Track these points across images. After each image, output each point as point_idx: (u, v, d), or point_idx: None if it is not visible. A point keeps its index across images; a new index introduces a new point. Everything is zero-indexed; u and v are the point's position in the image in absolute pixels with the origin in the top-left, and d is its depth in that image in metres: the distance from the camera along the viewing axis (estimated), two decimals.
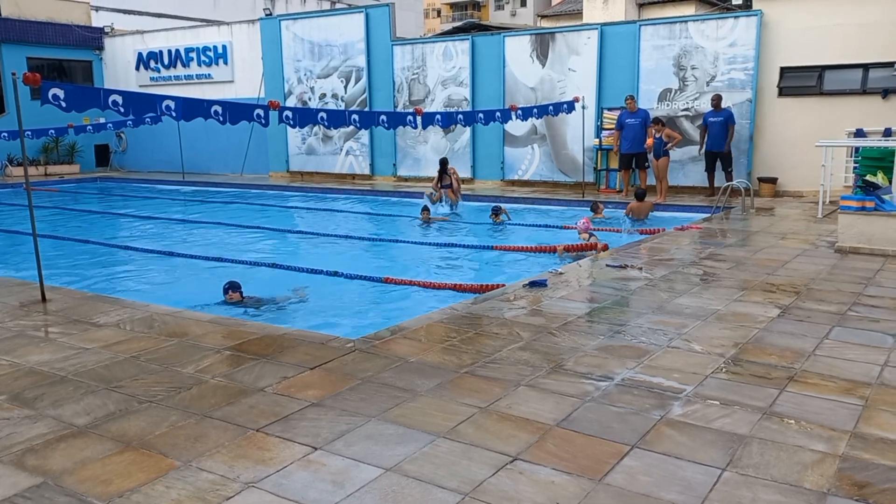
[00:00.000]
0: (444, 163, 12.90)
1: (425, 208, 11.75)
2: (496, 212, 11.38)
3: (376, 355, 4.46)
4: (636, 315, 5.41)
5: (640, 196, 11.43)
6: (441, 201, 12.70)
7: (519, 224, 11.29)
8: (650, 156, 12.95)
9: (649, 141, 12.71)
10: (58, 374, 4.22)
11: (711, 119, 12.71)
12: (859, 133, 11.62)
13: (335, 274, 7.89)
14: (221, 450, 3.23)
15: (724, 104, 13.36)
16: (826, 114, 12.57)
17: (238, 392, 3.90)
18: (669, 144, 12.59)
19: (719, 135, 12.63)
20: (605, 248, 8.41)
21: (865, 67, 12.36)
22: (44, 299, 5.95)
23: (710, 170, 12.99)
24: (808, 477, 2.96)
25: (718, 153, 12.73)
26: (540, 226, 11.18)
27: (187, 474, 3.01)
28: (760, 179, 13.15)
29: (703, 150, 12.97)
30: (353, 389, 3.91)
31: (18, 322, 5.37)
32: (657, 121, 12.77)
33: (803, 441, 3.28)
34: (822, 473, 2.99)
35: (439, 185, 12.74)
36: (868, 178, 8.07)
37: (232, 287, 6.78)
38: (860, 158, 9.75)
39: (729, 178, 12.44)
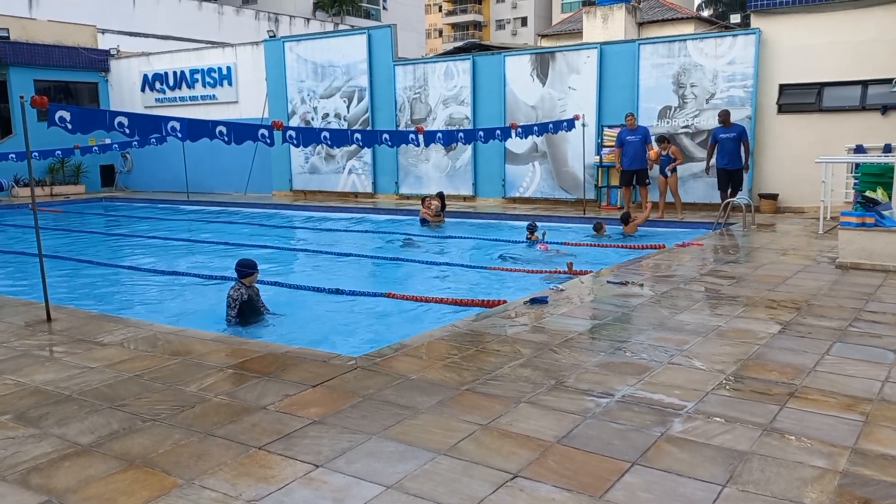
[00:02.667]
0: (442, 196, 13.80)
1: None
2: (531, 229, 11.30)
3: (378, 373, 4.49)
4: (637, 332, 5.43)
5: (625, 220, 11.69)
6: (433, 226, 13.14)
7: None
8: (656, 172, 12.95)
9: (652, 153, 12.73)
10: (62, 393, 4.25)
11: (722, 135, 12.09)
12: (859, 149, 11.66)
13: (337, 291, 7.93)
14: (224, 468, 3.25)
15: None
16: (826, 130, 12.64)
17: (241, 410, 3.92)
18: (672, 164, 12.57)
19: (732, 151, 12.04)
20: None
21: (864, 84, 12.44)
22: (49, 319, 5.99)
23: (724, 188, 12.25)
24: (809, 493, 2.97)
25: (733, 170, 12.10)
26: (556, 243, 11.11)
27: (190, 492, 3.03)
28: (761, 196, 13.20)
29: (709, 168, 12.40)
30: (355, 407, 3.93)
31: (24, 341, 5.41)
32: (663, 138, 12.79)
33: (804, 457, 3.29)
34: (823, 489, 3.00)
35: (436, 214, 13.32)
36: (868, 193, 8.10)
37: (248, 267, 6.72)
38: (860, 174, 9.78)
39: (734, 194, 12.08)
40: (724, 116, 12.27)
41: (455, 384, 4.27)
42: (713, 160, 12.34)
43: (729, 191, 12.14)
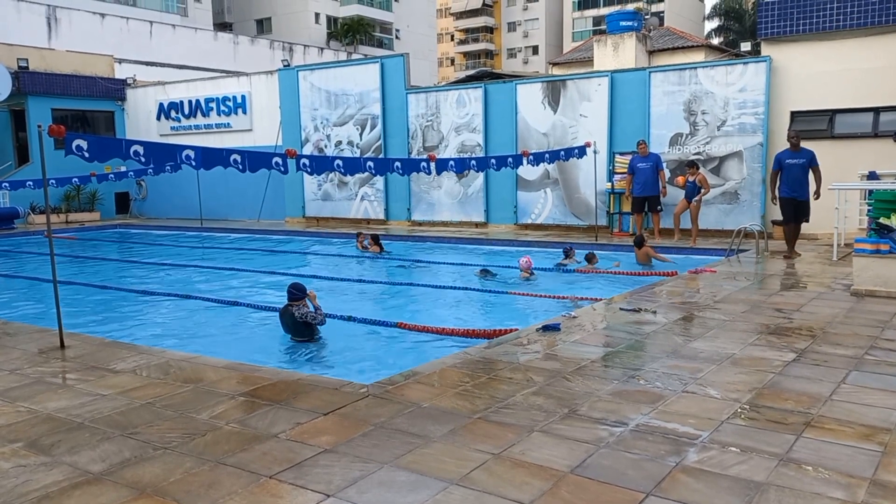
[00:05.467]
0: (376, 237, 13.87)
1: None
2: (567, 254, 11.21)
3: (389, 401, 4.46)
4: (651, 359, 5.38)
5: (638, 243, 11.45)
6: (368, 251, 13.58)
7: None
8: (669, 199, 12.90)
9: (680, 179, 12.65)
10: (74, 421, 4.25)
11: (790, 161, 10.39)
12: (872, 175, 11.61)
13: (349, 318, 7.93)
14: (235, 497, 3.23)
15: (734, 147, 13.43)
16: (838, 157, 12.60)
17: (252, 438, 3.91)
18: (699, 195, 12.48)
19: (801, 179, 10.34)
20: None
21: (876, 111, 12.44)
22: (62, 346, 6.02)
23: (788, 221, 10.63)
24: None
25: (801, 201, 10.41)
26: (571, 270, 11.06)
27: None
28: (774, 222, 13.11)
29: (776, 198, 10.64)
30: (366, 435, 3.91)
31: (37, 368, 5.43)
32: (692, 164, 12.76)
33: (821, 488, 3.23)
34: None
35: (370, 245, 13.63)
36: (882, 220, 8.04)
37: (298, 289, 7.01)
38: (873, 201, 9.72)
39: (799, 226, 10.64)
40: (796, 139, 10.54)
41: (467, 412, 4.24)
42: (777, 189, 10.60)
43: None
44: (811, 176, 10.40)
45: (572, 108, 15.03)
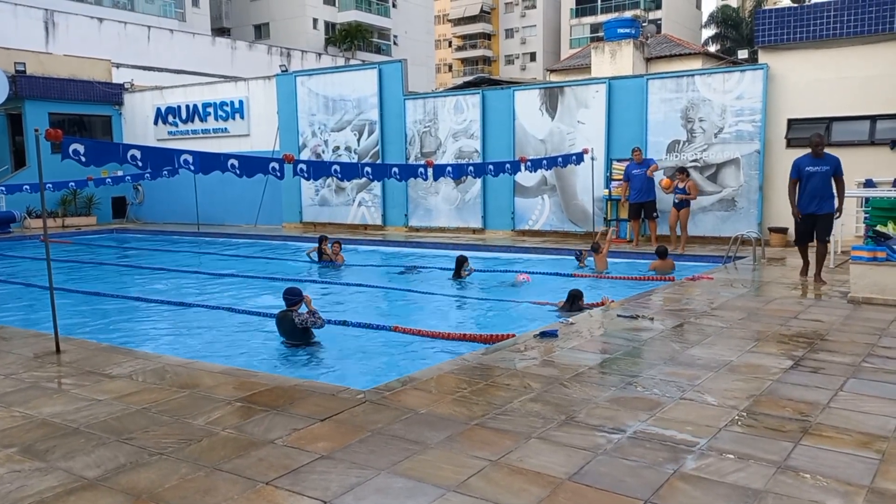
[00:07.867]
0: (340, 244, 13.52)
1: (314, 248, 13.21)
2: (585, 253, 11.29)
3: (387, 407, 4.45)
4: (648, 366, 5.38)
5: (661, 254, 11.18)
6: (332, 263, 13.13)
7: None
8: (668, 205, 12.92)
9: (665, 181, 12.69)
10: (70, 426, 4.23)
11: (811, 168, 8.88)
12: (869, 183, 11.64)
13: (345, 324, 7.91)
14: (231, 503, 3.21)
15: (731, 155, 13.43)
16: None
17: (248, 444, 3.89)
18: (688, 197, 12.52)
19: (824, 190, 8.86)
20: None
21: (873, 119, 12.48)
22: (58, 350, 5.99)
23: (805, 238, 9.18)
24: None
25: (822, 216, 8.94)
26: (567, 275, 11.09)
27: None
28: (771, 230, 13.15)
29: (799, 213, 9.08)
30: (363, 442, 3.89)
31: (32, 373, 5.40)
32: (682, 170, 12.80)
33: (819, 496, 3.22)
34: None
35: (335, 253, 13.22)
36: (879, 228, 8.06)
37: (293, 294, 6.94)
38: (870, 209, 9.74)
39: (823, 247, 9.10)
40: (820, 145, 8.90)
41: (464, 419, 4.23)
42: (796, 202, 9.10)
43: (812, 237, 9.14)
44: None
45: (570, 114, 15.05)
